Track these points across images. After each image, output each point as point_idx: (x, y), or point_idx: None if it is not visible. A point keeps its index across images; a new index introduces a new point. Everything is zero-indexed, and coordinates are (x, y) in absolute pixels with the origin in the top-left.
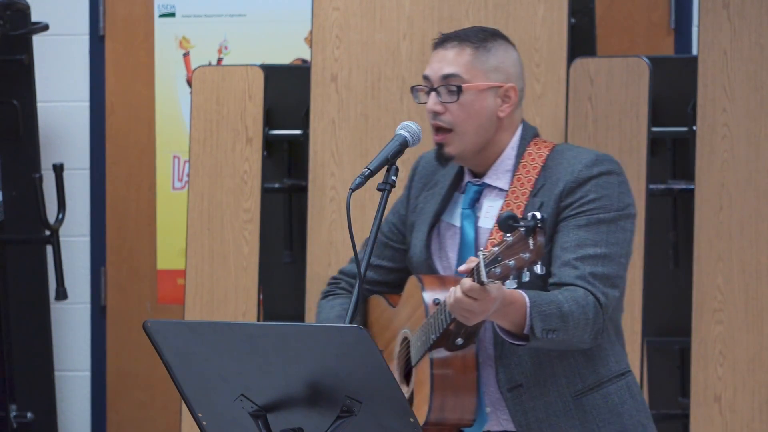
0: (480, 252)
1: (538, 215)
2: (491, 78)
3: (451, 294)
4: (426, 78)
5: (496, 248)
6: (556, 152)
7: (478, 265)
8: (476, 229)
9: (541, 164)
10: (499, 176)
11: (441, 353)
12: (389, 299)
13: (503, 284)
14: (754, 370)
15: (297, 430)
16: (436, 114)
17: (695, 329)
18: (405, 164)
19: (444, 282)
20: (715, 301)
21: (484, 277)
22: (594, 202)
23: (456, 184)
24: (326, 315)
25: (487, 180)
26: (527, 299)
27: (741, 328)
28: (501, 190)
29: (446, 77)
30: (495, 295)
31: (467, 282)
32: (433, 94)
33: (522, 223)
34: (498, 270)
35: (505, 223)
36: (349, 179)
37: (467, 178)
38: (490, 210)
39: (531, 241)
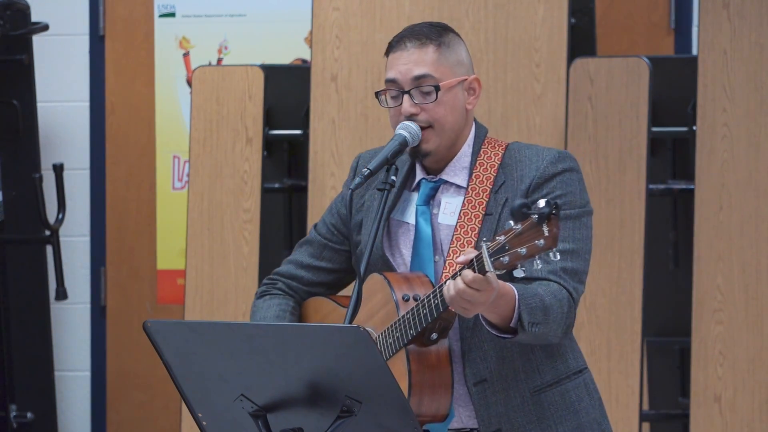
0: (483, 242)
1: (553, 202)
2: (456, 72)
3: (451, 286)
4: (392, 81)
5: (502, 237)
6: (512, 150)
7: (480, 255)
8: (434, 225)
9: (498, 162)
10: (456, 173)
11: (415, 349)
12: (337, 300)
13: (512, 273)
14: (754, 370)
15: (297, 430)
16: (412, 115)
17: (695, 329)
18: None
19: (408, 279)
20: (715, 301)
21: (490, 267)
22: (560, 198)
23: (404, 183)
24: (263, 314)
25: (444, 176)
26: (516, 292)
27: (741, 328)
28: (459, 186)
29: (418, 78)
30: (495, 285)
31: (469, 273)
32: (406, 96)
33: (535, 210)
34: (506, 259)
35: (519, 210)
36: None
37: (420, 175)
38: (448, 206)
39: (546, 228)
